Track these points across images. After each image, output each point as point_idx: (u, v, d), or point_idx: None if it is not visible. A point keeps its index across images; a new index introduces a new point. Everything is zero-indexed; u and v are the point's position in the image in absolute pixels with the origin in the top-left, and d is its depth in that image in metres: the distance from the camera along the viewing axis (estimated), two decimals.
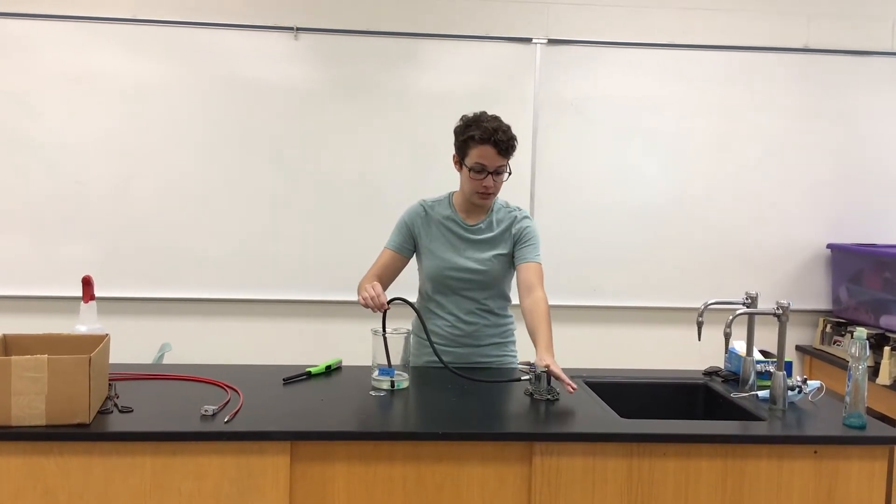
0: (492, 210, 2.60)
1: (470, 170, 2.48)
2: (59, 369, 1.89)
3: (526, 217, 2.62)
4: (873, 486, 2.04)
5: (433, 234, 2.59)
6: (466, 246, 2.57)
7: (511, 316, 2.70)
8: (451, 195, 2.65)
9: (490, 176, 2.47)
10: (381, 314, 2.34)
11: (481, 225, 2.58)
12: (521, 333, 2.70)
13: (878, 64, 4.02)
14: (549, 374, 2.23)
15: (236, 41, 3.81)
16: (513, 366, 2.66)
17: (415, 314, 2.53)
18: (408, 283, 2.70)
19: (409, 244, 2.62)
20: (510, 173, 2.52)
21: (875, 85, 4.03)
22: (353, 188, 3.89)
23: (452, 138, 2.54)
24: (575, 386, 2.20)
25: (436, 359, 2.41)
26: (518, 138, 2.52)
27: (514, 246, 2.57)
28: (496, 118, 2.49)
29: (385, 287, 2.57)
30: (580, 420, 2.11)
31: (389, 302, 2.34)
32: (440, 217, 2.60)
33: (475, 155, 2.46)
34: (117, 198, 3.80)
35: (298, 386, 2.34)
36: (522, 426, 2.07)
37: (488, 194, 2.51)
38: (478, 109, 2.56)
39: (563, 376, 2.21)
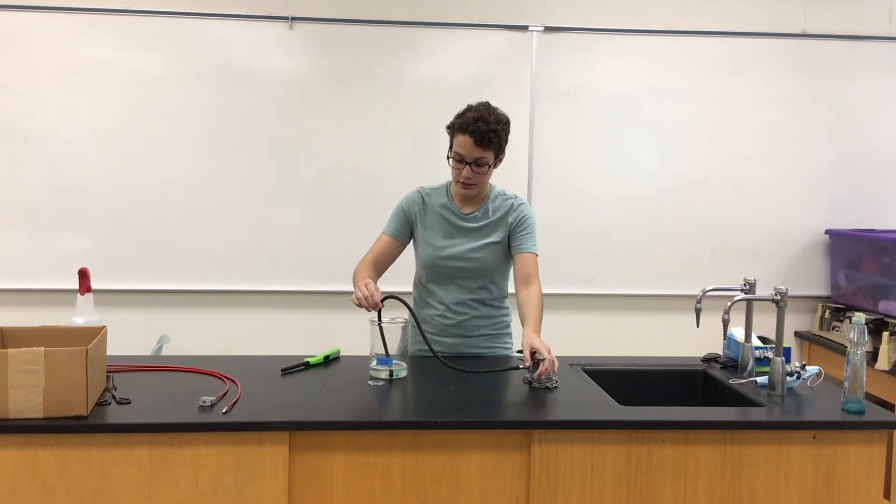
0: (488, 198, 2.59)
1: (451, 158, 2.48)
2: (56, 362, 1.88)
3: (523, 205, 2.59)
4: (872, 471, 2.04)
5: (428, 222, 2.59)
6: (460, 234, 2.57)
7: (507, 308, 2.68)
8: (448, 184, 2.63)
9: (468, 166, 2.44)
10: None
11: (476, 213, 2.57)
12: (516, 325, 2.70)
13: (875, 49, 4.01)
14: (533, 352, 2.22)
15: (232, 32, 3.79)
16: (510, 354, 2.65)
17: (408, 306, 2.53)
18: (403, 272, 2.69)
19: (405, 230, 2.61)
20: (490, 166, 2.47)
21: (872, 70, 4.01)
22: (349, 178, 3.88)
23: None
24: (553, 368, 2.21)
25: (427, 348, 2.41)
26: (511, 129, 2.49)
27: (510, 233, 2.56)
28: (487, 109, 2.45)
29: (381, 272, 2.58)
30: (579, 408, 2.11)
31: (382, 300, 2.33)
32: (437, 205, 2.59)
33: (457, 143, 2.46)
34: (113, 189, 3.79)
35: (297, 376, 2.34)
36: (521, 414, 2.08)
37: (469, 185, 2.49)
38: (474, 98, 2.54)
39: (545, 352, 2.21)
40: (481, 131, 2.39)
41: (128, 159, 3.79)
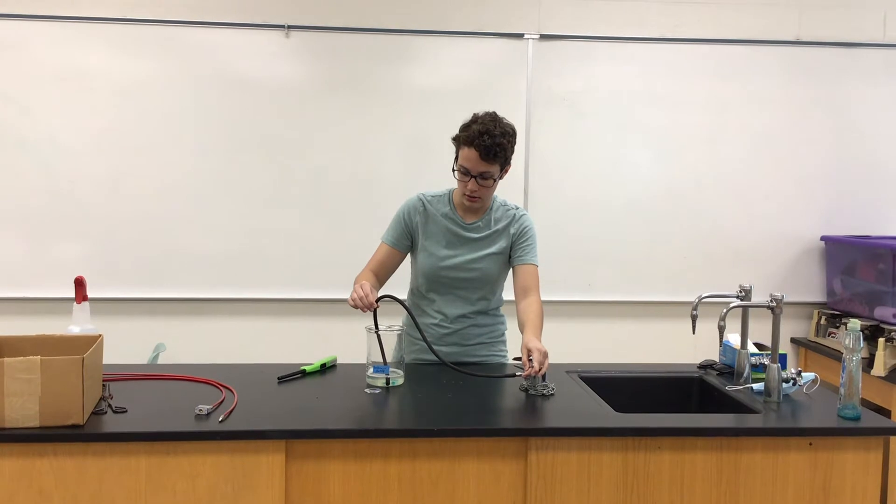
0: (490, 208, 2.57)
1: (457, 171, 2.46)
2: (52, 370, 1.88)
3: (525, 216, 2.59)
4: (868, 477, 2.05)
5: (430, 231, 2.56)
6: (462, 244, 2.55)
7: (502, 316, 2.69)
8: (451, 192, 2.60)
9: (473, 180, 2.42)
10: (372, 313, 2.33)
11: (479, 223, 2.56)
12: (511, 333, 2.70)
13: (869, 55, 4.03)
14: (530, 353, 2.21)
15: (228, 40, 3.79)
16: (505, 362, 2.65)
17: (404, 311, 2.52)
18: (399, 279, 2.69)
19: (406, 240, 2.59)
20: (496, 179, 2.45)
21: (867, 76, 4.03)
22: (346, 185, 3.88)
23: (445, 134, 2.52)
24: (537, 369, 2.17)
25: (423, 355, 2.39)
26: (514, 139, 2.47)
27: (512, 245, 2.56)
28: (493, 121, 2.40)
29: (382, 282, 2.57)
30: (575, 415, 2.11)
31: (378, 300, 2.33)
32: (439, 214, 2.56)
33: (462, 156, 2.42)
34: (109, 197, 3.79)
35: (293, 384, 2.33)
36: (517, 422, 2.07)
37: (474, 198, 2.47)
38: (470, 105, 2.54)
39: (536, 355, 2.18)
40: (486, 145, 2.35)
41: (124, 167, 3.78)
